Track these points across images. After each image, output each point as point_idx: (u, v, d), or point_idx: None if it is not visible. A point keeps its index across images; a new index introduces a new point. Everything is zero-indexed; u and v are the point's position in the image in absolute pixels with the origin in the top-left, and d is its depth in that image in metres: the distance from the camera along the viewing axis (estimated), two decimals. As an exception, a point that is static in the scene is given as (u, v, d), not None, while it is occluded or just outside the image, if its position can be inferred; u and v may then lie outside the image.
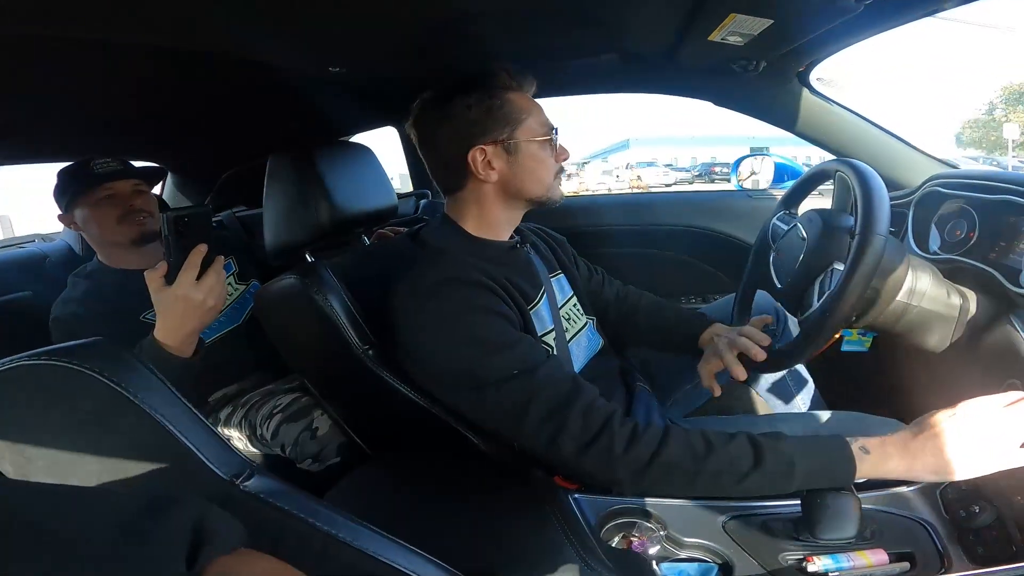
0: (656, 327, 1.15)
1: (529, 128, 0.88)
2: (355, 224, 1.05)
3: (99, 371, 0.49)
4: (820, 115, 1.30)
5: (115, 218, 1.16)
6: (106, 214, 1.16)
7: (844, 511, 0.63)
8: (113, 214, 1.16)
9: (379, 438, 1.04)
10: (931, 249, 1.01)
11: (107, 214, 1.16)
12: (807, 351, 0.82)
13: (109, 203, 1.16)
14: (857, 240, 0.74)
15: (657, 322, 1.15)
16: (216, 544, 0.39)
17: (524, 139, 0.87)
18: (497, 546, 0.67)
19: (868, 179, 0.78)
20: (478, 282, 0.79)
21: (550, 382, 0.74)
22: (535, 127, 0.88)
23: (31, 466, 0.48)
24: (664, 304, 1.19)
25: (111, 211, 1.16)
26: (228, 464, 0.51)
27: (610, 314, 1.17)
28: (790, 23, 0.92)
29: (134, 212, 1.17)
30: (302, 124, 1.55)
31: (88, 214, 1.17)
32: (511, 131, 0.87)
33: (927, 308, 0.85)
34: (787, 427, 0.91)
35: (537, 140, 0.88)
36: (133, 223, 1.17)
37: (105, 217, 1.16)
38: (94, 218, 1.17)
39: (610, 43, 1.10)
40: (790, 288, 0.91)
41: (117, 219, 1.16)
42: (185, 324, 0.86)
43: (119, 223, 1.16)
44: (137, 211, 1.17)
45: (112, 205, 1.16)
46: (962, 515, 0.68)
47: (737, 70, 1.17)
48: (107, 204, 1.16)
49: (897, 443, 0.66)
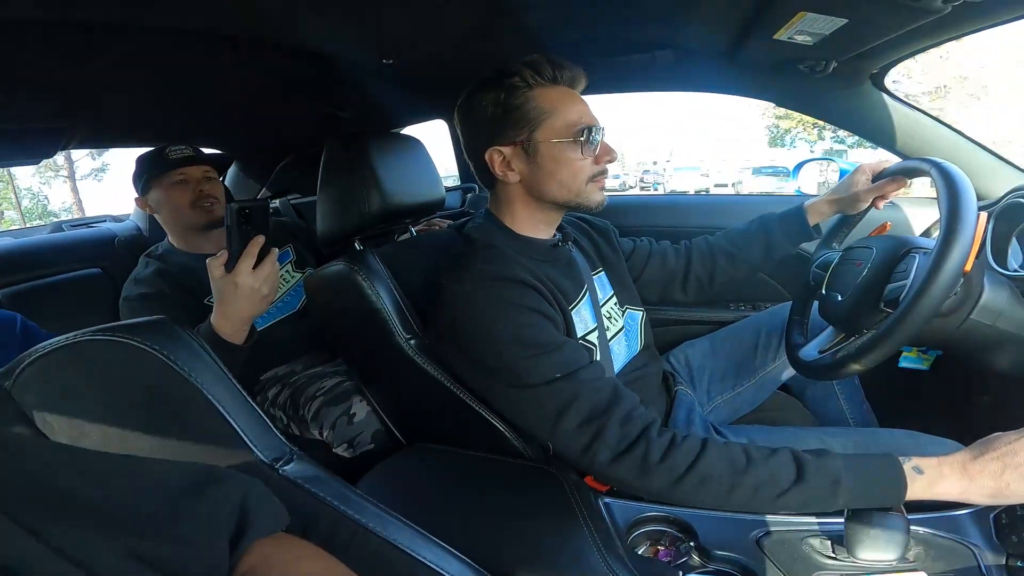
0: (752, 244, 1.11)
1: (551, 128, 0.82)
2: (403, 215, 1.07)
3: (159, 349, 0.52)
4: (895, 119, 1.22)
5: (187, 202, 1.24)
6: (178, 198, 1.24)
7: (890, 532, 0.61)
8: (185, 198, 1.24)
9: (414, 428, 1.06)
10: (1011, 266, 0.94)
11: (179, 198, 1.24)
12: (867, 362, 0.77)
13: (181, 187, 1.24)
14: (939, 245, 0.69)
15: (750, 241, 1.12)
16: (258, 527, 0.41)
17: (544, 140, 0.82)
18: (522, 545, 0.67)
19: (957, 182, 0.72)
20: (524, 280, 0.79)
21: (590, 388, 0.73)
22: (559, 127, 0.82)
23: (84, 439, 0.51)
24: (732, 230, 1.16)
25: (183, 195, 1.24)
26: (270, 448, 0.53)
27: (694, 269, 1.14)
28: (866, 23, 0.87)
29: (204, 197, 1.25)
30: (356, 115, 1.59)
31: (161, 197, 1.25)
32: (530, 132, 0.82)
33: (1002, 328, 0.79)
34: (836, 442, 0.87)
35: (561, 141, 0.82)
36: (202, 208, 1.25)
37: (177, 201, 1.24)
38: (167, 201, 1.25)
39: (667, 38, 1.07)
40: (853, 300, 0.86)
41: (189, 204, 1.24)
42: (241, 310, 0.90)
43: (191, 207, 1.24)
44: (206, 196, 1.25)
45: (183, 190, 1.24)
46: (1015, 540, 0.64)
47: (804, 70, 1.11)
48: (179, 188, 1.24)
49: (955, 464, 0.63)
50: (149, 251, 1.32)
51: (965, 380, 1.04)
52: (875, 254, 0.84)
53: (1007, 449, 0.62)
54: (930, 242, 0.76)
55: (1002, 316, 0.78)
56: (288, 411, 1.28)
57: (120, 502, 0.37)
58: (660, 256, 1.14)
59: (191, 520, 0.38)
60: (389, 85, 1.26)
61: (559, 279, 0.87)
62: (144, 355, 0.52)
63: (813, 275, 1.01)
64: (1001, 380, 0.86)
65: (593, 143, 0.83)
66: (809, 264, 1.06)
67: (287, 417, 1.28)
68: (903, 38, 0.93)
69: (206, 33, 0.86)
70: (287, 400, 1.28)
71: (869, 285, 0.82)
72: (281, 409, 1.29)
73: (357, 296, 0.90)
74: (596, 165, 0.85)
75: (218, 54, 1.00)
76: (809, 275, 1.03)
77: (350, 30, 0.90)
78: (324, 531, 0.50)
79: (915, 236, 0.84)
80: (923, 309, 0.69)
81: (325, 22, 0.84)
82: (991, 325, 0.78)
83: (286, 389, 1.30)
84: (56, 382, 0.52)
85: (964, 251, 0.67)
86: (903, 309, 0.72)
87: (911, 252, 0.79)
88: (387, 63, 1.02)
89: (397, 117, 1.81)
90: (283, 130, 1.77)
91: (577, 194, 0.85)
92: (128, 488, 0.38)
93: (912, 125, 1.22)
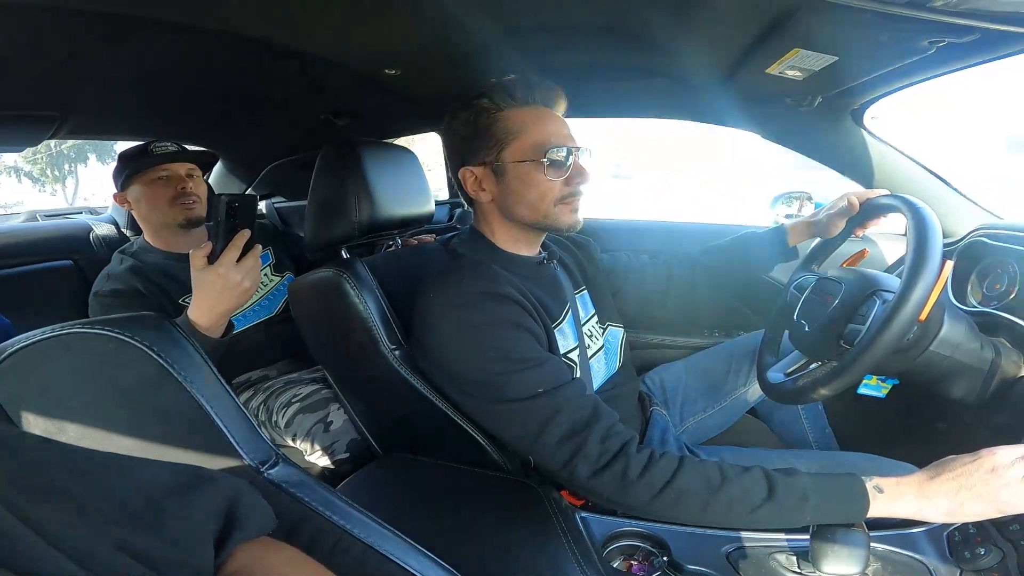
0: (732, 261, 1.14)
1: (519, 149, 0.82)
2: (392, 226, 1.07)
3: (148, 344, 0.51)
4: (871, 155, 1.27)
5: (167, 199, 1.22)
6: (159, 194, 1.22)
7: (852, 547, 0.64)
8: (166, 195, 1.22)
9: (393, 438, 1.05)
10: (970, 303, 0.99)
11: (160, 194, 1.22)
12: (825, 392, 0.81)
13: (163, 183, 1.22)
14: (895, 299, 0.73)
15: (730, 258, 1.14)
16: (244, 529, 0.40)
17: (512, 161, 0.83)
18: (502, 556, 0.68)
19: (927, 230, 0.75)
20: (509, 296, 0.80)
21: (572, 403, 0.75)
22: (526, 148, 0.82)
23: (61, 435, 0.49)
24: (713, 246, 1.18)
25: (164, 192, 1.22)
26: (256, 451, 0.52)
27: (674, 284, 1.15)
28: (854, 61, 0.90)
29: (185, 195, 1.23)
30: (351, 122, 1.59)
31: (142, 192, 1.22)
32: (498, 152, 0.83)
33: (959, 360, 0.84)
34: (801, 463, 0.90)
35: (528, 162, 0.82)
36: (183, 206, 1.22)
37: (157, 197, 1.22)
38: (147, 197, 1.22)
39: (662, 66, 1.10)
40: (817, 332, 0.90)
41: (169, 200, 1.22)
42: (220, 303, 0.89)
43: (170, 205, 1.22)
44: (188, 194, 1.23)
45: (165, 186, 1.22)
46: (967, 557, 0.68)
47: (790, 103, 1.15)
48: (161, 184, 1.22)
49: (912, 484, 0.66)
50: (123, 248, 1.29)
51: (922, 407, 1.08)
52: (843, 290, 0.88)
53: (962, 471, 0.65)
54: (896, 284, 0.79)
55: (959, 348, 0.83)
56: (260, 416, 1.26)
57: (104, 498, 0.36)
58: (639, 271, 1.16)
59: (176, 521, 0.37)
60: (388, 96, 1.27)
61: (543, 297, 0.88)
62: (132, 351, 0.51)
63: (790, 295, 1.05)
64: (956, 407, 0.90)
65: (562, 165, 0.82)
66: (788, 284, 1.09)
67: (259, 422, 1.26)
68: (888, 76, 0.96)
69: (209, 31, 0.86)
70: (260, 405, 1.26)
71: (832, 322, 0.86)
72: (253, 414, 1.27)
73: (344, 303, 0.90)
74: (567, 187, 0.84)
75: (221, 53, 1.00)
76: (787, 295, 1.07)
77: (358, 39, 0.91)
78: (308, 536, 0.50)
79: (883, 276, 0.88)
80: (875, 353, 0.73)
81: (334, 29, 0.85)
82: (948, 356, 0.83)
83: (259, 394, 1.28)
84: (36, 375, 0.51)
85: (918, 304, 0.71)
86: (856, 352, 0.75)
87: (875, 294, 0.82)
88: (390, 73, 1.03)
89: (392, 127, 1.81)
90: (277, 133, 1.75)
91: (545, 215, 0.85)
92: (111, 486, 0.38)
93: (887, 162, 1.27)
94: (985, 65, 0.88)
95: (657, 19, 0.88)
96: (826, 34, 0.81)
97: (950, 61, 0.87)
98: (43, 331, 0.51)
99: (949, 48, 0.78)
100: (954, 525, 0.72)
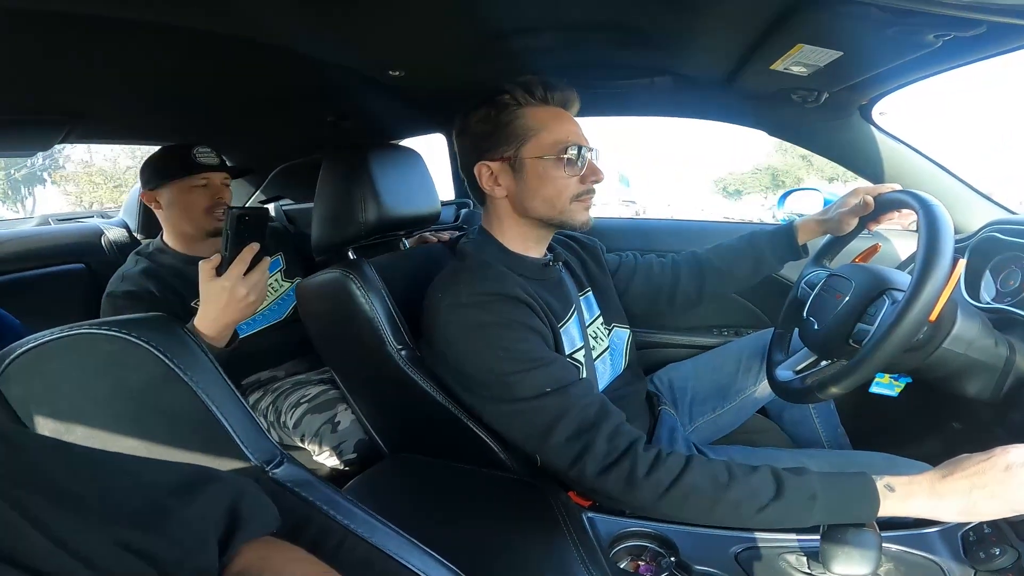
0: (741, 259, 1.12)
1: (538, 145, 0.84)
2: (398, 226, 1.07)
3: (155, 345, 0.52)
4: (880, 151, 1.26)
5: (202, 208, 1.24)
6: (195, 202, 1.24)
7: (863, 548, 0.62)
8: (202, 203, 1.24)
9: (400, 439, 1.06)
10: (983, 299, 0.98)
11: (196, 202, 1.24)
12: (833, 391, 0.80)
13: (201, 192, 1.24)
14: (904, 299, 0.72)
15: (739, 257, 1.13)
16: (248, 529, 0.41)
17: (530, 156, 0.84)
18: (509, 556, 0.68)
19: (939, 228, 0.74)
20: (517, 296, 0.80)
21: (580, 403, 0.75)
22: (546, 145, 0.84)
23: (69, 435, 0.50)
24: (721, 245, 1.17)
25: (200, 200, 1.24)
26: (261, 450, 0.53)
27: (681, 283, 1.14)
28: (859, 56, 0.89)
29: (220, 205, 1.25)
30: (357, 124, 1.60)
31: (176, 197, 1.24)
32: (517, 148, 0.85)
33: (972, 357, 0.82)
34: (813, 463, 0.89)
35: (546, 158, 0.84)
36: (214, 216, 1.25)
37: (193, 204, 1.24)
38: (181, 202, 1.24)
39: (667, 65, 1.10)
40: (826, 331, 0.89)
41: (205, 209, 1.24)
42: (225, 315, 0.89)
43: (205, 213, 1.24)
44: (221, 204, 1.26)
45: (203, 194, 1.24)
46: (981, 556, 0.67)
47: (796, 100, 1.14)
48: (199, 192, 1.24)
49: (925, 483, 0.65)
50: (139, 249, 1.30)
51: (937, 406, 1.07)
52: (853, 288, 0.87)
53: (975, 469, 0.64)
54: (907, 281, 0.77)
55: (972, 345, 0.81)
56: (269, 417, 1.27)
57: (108, 497, 0.36)
58: (646, 270, 1.16)
59: (180, 521, 0.38)
60: (393, 97, 1.28)
61: (548, 298, 0.88)
62: (140, 352, 0.52)
63: (800, 291, 1.04)
64: (972, 406, 0.88)
65: (580, 162, 0.85)
66: (798, 280, 1.07)
67: (268, 423, 1.27)
68: (894, 71, 0.95)
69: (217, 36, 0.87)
70: (269, 406, 1.27)
71: (841, 320, 0.85)
72: (262, 415, 1.27)
73: (351, 304, 0.90)
74: (582, 184, 0.86)
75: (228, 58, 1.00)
76: (797, 290, 1.05)
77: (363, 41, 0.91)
78: (313, 535, 0.50)
79: (894, 274, 0.86)
80: (884, 353, 0.72)
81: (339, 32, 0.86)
82: (962, 354, 0.81)
83: (268, 395, 1.28)
84: (45, 376, 0.52)
85: (928, 306, 0.70)
86: (864, 352, 0.74)
87: (885, 294, 0.81)
88: (394, 75, 1.03)
89: (397, 129, 1.82)
90: (283, 135, 1.77)
91: (561, 212, 0.86)
92: (116, 486, 0.38)
93: (897, 157, 1.26)
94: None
95: (659, 17, 0.88)
96: (830, 29, 0.80)
97: (957, 55, 0.86)
98: (52, 332, 0.52)
99: (955, 42, 0.77)
100: (968, 525, 0.71)
